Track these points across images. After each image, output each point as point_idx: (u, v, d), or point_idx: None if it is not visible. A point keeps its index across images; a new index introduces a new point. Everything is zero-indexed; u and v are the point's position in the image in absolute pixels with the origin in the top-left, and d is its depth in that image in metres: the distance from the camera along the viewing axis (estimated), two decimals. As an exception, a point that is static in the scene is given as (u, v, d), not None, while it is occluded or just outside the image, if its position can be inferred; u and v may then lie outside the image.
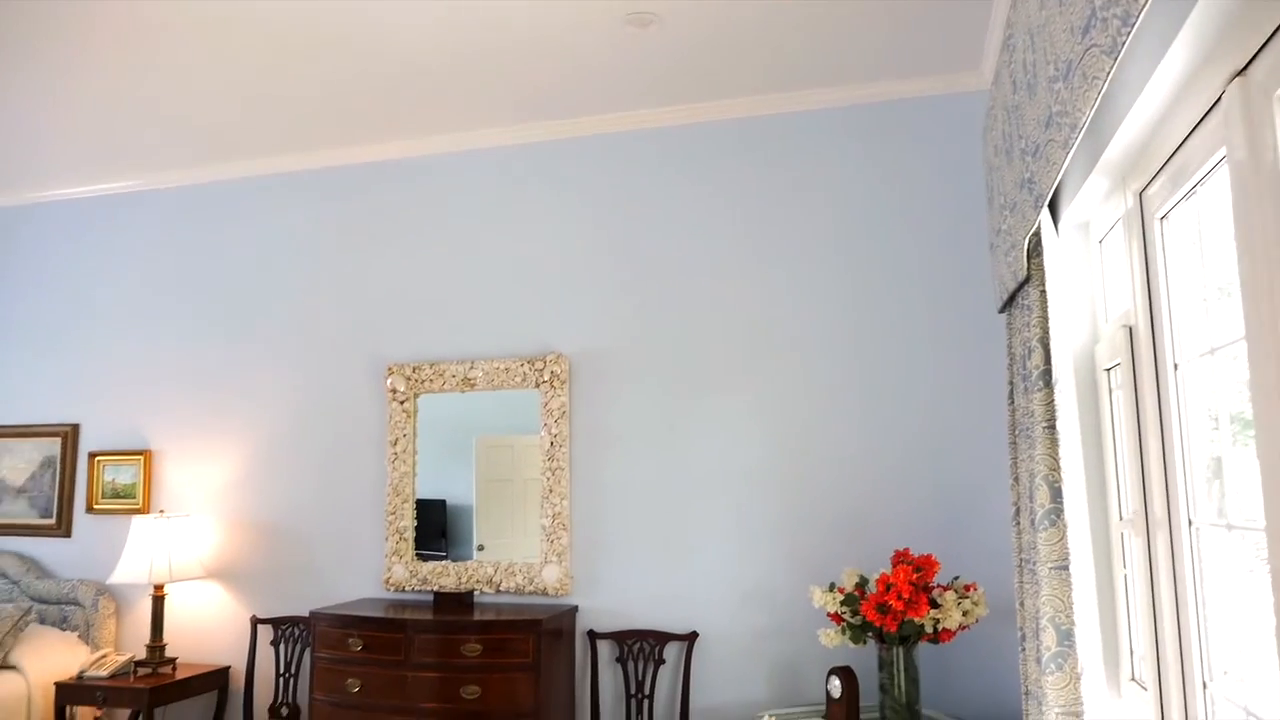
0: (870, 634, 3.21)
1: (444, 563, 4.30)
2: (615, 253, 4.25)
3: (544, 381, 4.20)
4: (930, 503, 3.73)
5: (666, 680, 3.95)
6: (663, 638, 3.93)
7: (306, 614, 4.23)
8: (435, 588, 4.24)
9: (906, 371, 3.83)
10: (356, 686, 3.76)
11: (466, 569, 4.25)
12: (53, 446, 5.07)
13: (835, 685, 3.23)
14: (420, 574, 4.30)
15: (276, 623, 4.44)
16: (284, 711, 4.31)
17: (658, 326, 4.15)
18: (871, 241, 3.93)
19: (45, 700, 4.31)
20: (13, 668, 4.32)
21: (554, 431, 4.17)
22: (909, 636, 3.16)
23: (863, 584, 3.31)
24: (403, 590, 4.32)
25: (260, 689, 4.44)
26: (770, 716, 2.02)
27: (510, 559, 4.21)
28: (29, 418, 5.15)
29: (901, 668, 3.20)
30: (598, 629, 4.04)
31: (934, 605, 3.14)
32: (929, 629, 3.13)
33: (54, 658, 4.44)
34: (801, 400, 3.93)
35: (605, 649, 4.03)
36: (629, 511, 4.10)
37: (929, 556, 3.23)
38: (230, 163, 4.84)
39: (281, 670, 4.37)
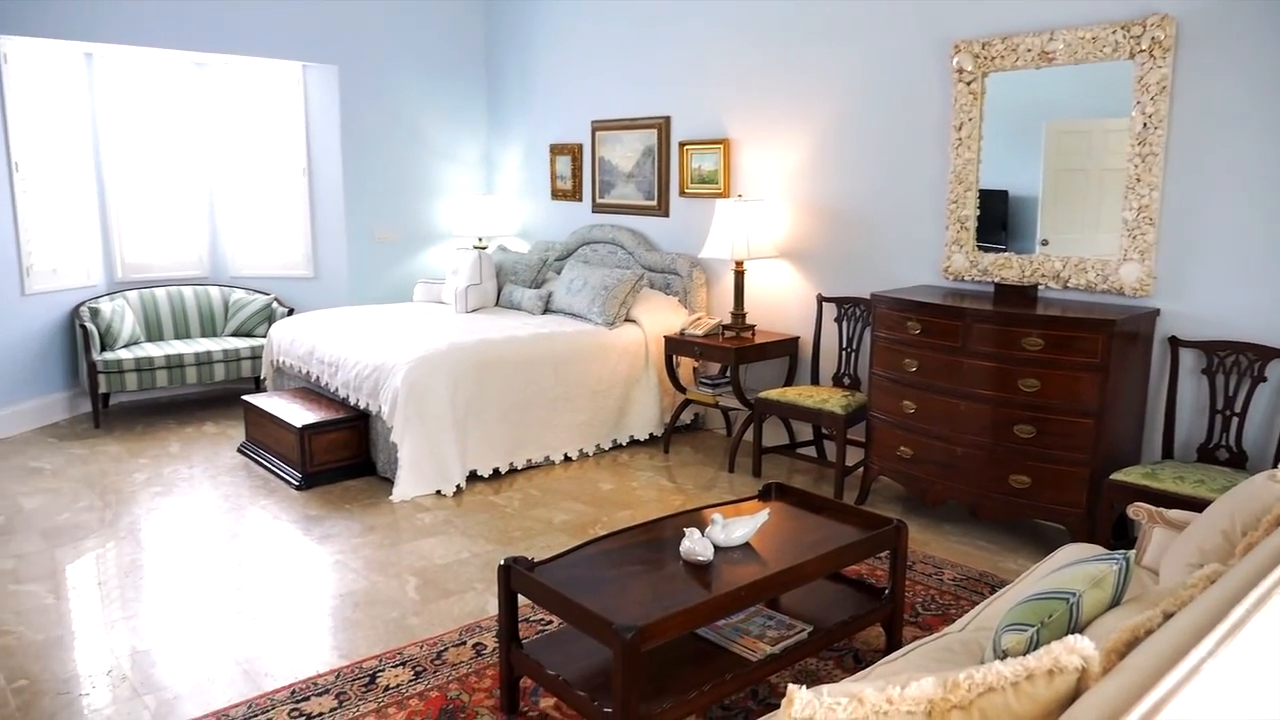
0: None
1: (1005, 255, 4.13)
2: None
3: (1141, 50, 3.57)
4: None
5: (1265, 400, 3.46)
6: (1267, 353, 3.40)
7: (867, 295, 4.44)
8: (996, 279, 4.12)
9: None
10: (914, 366, 3.93)
11: (1030, 262, 4.04)
12: (650, 137, 5.79)
13: None
14: (980, 264, 4.20)
15: (839, 301, 4.76)
16: (845, 381, 4.73)
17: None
18: None
19: (656, 349, 5.27)
20: (633, 321, 5.31)
21: (1149, 111, 3.58)
22: None
23: None
24: (961, 280, 4.29)
25: (825, 359, 4.89)
26: None
27: (1080, 254, 3.89)
28: (631, 113, 5.90)
29: None
30: (1182, 336, 3.62)
31: None
32: None
33: (661, 316, 5.35)
34: None
35: (1189, 358, 3.63)
36: (1239, 206, 3.46)
37: None
38: None
39: (843, 345, 4.74)
